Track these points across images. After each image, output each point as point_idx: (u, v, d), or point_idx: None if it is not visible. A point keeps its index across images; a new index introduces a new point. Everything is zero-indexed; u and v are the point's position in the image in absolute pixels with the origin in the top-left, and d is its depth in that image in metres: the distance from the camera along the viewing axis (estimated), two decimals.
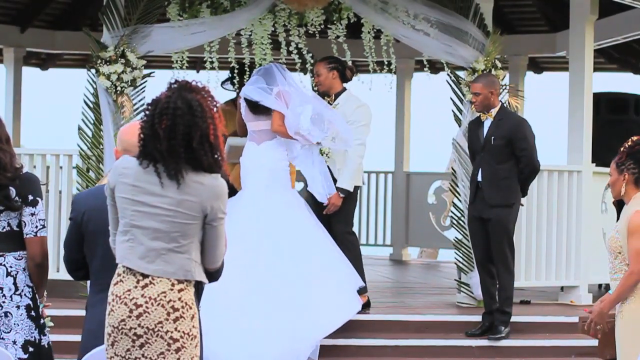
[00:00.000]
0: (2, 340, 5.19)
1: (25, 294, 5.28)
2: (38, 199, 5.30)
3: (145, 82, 9.21)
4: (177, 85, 4.44)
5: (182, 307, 4.42)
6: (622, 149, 5.94)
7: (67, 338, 7.26)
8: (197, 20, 9.33)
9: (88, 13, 12.96)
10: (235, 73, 10.22)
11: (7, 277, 5.25)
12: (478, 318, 8.81)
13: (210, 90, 4.49)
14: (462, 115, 9.45)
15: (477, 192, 8.69)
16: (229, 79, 10.39)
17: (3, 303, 5.22)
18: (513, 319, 8.70)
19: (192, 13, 9.34)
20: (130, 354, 4.41)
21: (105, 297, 4.53)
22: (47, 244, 5.37)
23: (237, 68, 10.12)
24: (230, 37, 9.58)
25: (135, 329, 4.39)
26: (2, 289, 5.24)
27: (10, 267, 5.27)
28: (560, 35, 12.14)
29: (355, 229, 9.47)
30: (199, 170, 4.42)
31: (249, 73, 9.62)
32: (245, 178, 8.57)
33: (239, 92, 9.54)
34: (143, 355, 4.40)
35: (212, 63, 9.56)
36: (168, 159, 4.37)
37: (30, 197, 5.27)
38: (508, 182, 8.59)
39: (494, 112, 8.69)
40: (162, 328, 4.38)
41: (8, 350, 5.12)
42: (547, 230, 9.87)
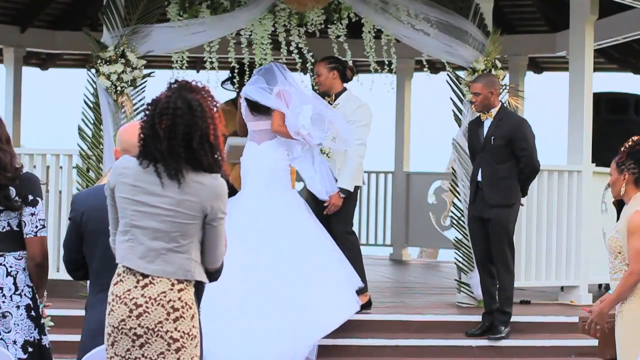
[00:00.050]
0: (2, 341, 5.18)
1: (25, 294, 5.28)
2: (38, 199, 5.30)
3: (145, 82, 9.21)
4: (177, 85, 4.44)
5: (182, 307, 4.42)
6: (622, 149, 5.94)
7: (67, 338, 7.26)
8: (197, 20, 9.33)
9: (88, 13, 12.96)
10: (235, 73, 10.22)
11: (7, 277, 5.25)
12: (478, 318, 8.81)
13: (210, 90, 4.50)
14: (462, 115, 9.45)
15: (477, 192, 8.69)
16: (229, 79, 10.40)
17: (3, 303, 5.22)
18: (513, 319, 8.70)
19: (192, 13, 9.34)
20: (130, 354, 4.41)
21: (105, 297, 4.53)
22: (47, 244, 5.37)
23: (237, 68, 10.12)
24: (230, 37, 9.58)
25: (135, 329, 4.39)
26: (2, 289, 5.23)
27: (10, 267, 5.26)
28: (560, 35, 12.14)
29: (355, 229, 9.46)
30: (199, 170, 4.42)
31: (249, 73, 9.62)
32: (246, 178, 8.58)
33: (239, 92, 9.54)
34: (143, 355, 4.40)
35: (212, 63, 9.56)
36: (168, 159, 4.37)
37: (30, 197, 5.27)
38: (508, 182, 8.59)
39: (494, 112, 8.68)
40: (162, 328, 4.38)
41: (8, 350, 5.12)
42: (547, 230, 9.87)
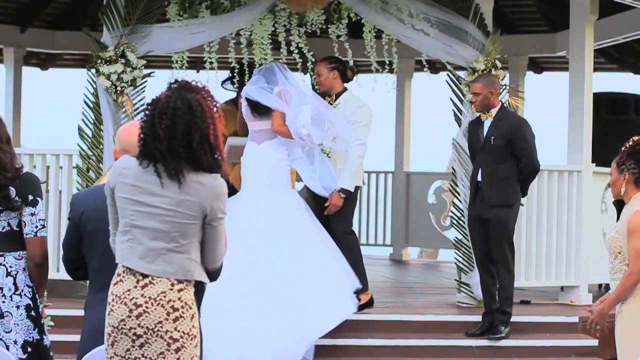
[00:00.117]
0: (2, 341, 5.18)
1: (25, 294, 5.28)
2: (38, 199, 5.29)
3: (145, 82, 9.21)
4: (177, 85, 4.44)
5: (181, 307, 4.42)
6: (622, 149, 5.95)
7: (67, 338, 7.26)
8: (197, 20, 9.32)
9: (88, 13, 12.96)
10: (235, 73, 10.22)
11: (7, 277, 5.25)
12: (478, 318, 8.81)
13: (210, 90, 4.49)
14: (462, 115, 9.45)
15: (477, 192, 8.69)
16: (229, 79, 10.40)
17: (3, 303, 5.22)
18: (513, 319, 8.70)
19: (192, 13, 9.34)
20: (130, 354, 4.41)
21: (104, 297, 4.53)
22: (47, 244, 5.36)
23: (237, 68, 10.12)
24: (230, 37, 9.57)
25: (135, 329, 4.39)
26: (2, 289, 5.23)
27: (10, 267, 5.26)
28: (560, 35, 12.14)
29: (355, 229, 9.46)
30: (199, 170, 4.41)
31: (249, 73, 9.62)
32: (246, 177, 8.57)
33: (239, 92, 9.53)
34: (143, 355, 4.40)
35: (212, 63, 9.56)
36: (168, 159, 4.37)
37: (30, 197, 5.27)
38: (508, 182, 8.58)
39: (494, 112, 8.68)
40: (161, 328, 4.38)
41: (9, 351, 5.12)
42: (547, 230, 9.87)
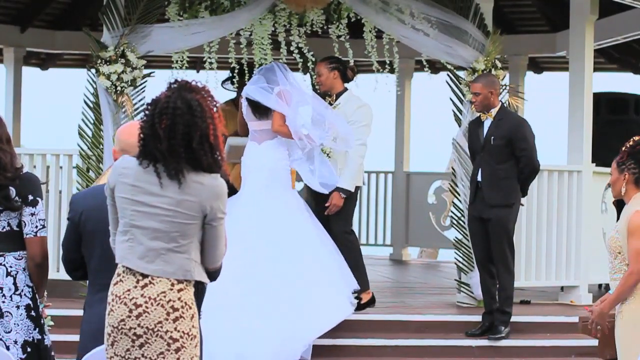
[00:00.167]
0: (2, 341, 5.18)
1: (25, 294, 5.28)
2: (38, 199, 5.29)
3: (145, 82, 9.20)
4: (177, 85, 4.44)
5: (181, 307, 4.42)
6: (623, 149, 5.95)
7: (67, 338, 7.25)
8: (197, 21, 9.32)
9: (88, 13, 12.96)
10: (235, 73, 10.22)
11: (7, 277, 5.25)
12: (478, 318, 8.80)
13: (210, 90, 4.50)
14: (462, 115, 9.45)
15: (477, 192, 8.69)
16: (229, 79, 10.40)
17: (3, 303, 5.22)
18: (513, 319, 8.70)
19: (192, 13, 9.34)
20: (130, 354, 4.41)
21: (104, 297, 4.53)
22: (47, 244, 5.36)
23: (237, 68, 10.12)
24: (230, 37, 9.57)
25: (135, 329, 4.39)
26: (2, 289, 5.23)
27: (10, 267, 5.26)
28: (560, 35, 12.14)
29: (355, 229, 9.47)
30: (199, 170, 4.41)
31: (249, 73, 9.61)
32: (246, 177, 8.57)
33: (239, 92, 9.53)
34: (143, 355, 4.40)
35: (212, 63, 9.55)
36: (168, 159, 4.37)
37: (30, 197, 5.27)
38: (508, 182, 8.58)
39: (494, 112, 8.68)
40: (161, 328, 4.38)
41: (9, 351, 5.12)
42: (547, 230, 9.87)
